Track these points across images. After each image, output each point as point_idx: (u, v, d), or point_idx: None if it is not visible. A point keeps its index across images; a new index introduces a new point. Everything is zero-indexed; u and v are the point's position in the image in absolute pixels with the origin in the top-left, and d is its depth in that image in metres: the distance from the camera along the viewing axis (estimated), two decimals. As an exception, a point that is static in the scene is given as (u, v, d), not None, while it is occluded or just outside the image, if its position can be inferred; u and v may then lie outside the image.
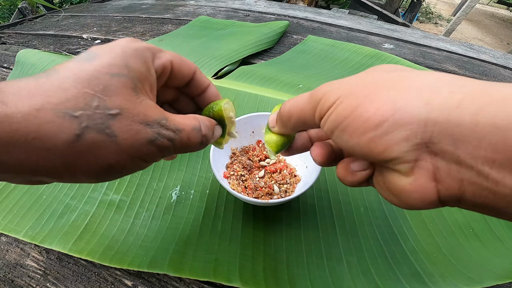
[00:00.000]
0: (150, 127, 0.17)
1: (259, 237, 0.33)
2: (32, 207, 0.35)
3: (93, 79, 0.15)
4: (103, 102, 0.15)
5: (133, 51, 0.18)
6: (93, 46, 0.18)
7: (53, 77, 0.15)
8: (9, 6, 2.00)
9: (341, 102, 0.16)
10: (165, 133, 0.17)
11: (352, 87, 0.17)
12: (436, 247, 0.33)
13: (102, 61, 0.16)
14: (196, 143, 0.20)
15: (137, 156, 0.17)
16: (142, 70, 0.18)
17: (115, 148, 0.16)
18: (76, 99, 0.14)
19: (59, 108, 0.14)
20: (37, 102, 0.14)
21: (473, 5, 3.19)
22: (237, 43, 0.74)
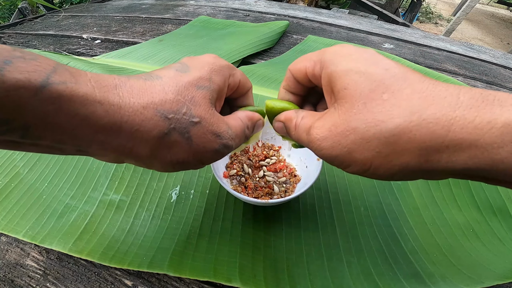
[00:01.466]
0: (219, 138, 0.20)
1: (259, 237, 0.33)
2: (32, 207, 0.35)
3: (185, 89, 0.19)
4: (189, 110, 0.19)
5: (218, 68, 0.21)
6: (183, 58, 0.22)
7: (157, 81, 0.19)
8: (9, 6, 2.00)
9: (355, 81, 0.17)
10: (229, 144, 0.21)
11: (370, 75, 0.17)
12: (436, 247, 0.33)
13: (194, 74, 0.20)
14: (243, 141, 0.24)
15: (201, 159, 0.20)
16: (221, 85, 0.21)
17: (187, 149, 0.19)
18: (171, 103, 0.18)
19: (159, 108, 0.18)
20: (143, 101, 0.17)
21: (473, 5, 3.19)
22: (237, 43, 0.74)
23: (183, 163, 0.20)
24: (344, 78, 0.18)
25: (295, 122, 0.22)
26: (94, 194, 0.37)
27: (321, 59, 0.20)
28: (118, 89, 0.17)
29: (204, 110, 0.19)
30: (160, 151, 0.18)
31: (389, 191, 0.39)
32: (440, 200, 0.38)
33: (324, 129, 0.18)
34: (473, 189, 0.39)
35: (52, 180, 0.38)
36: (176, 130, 0.18)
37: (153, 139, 0.18)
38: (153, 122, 0.17)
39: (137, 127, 0.17)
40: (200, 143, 0.19)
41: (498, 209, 0.37)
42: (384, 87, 0.17)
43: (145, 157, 0.19)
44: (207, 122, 0.19)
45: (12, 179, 0.38)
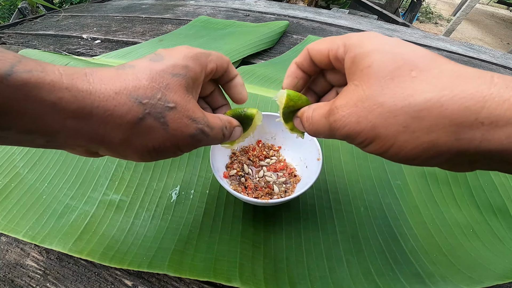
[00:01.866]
0: (195, 123, 0.20)
1: (259, 237, 0.33)
2: (32, 207, 0.35)
3: (159, 77, 0.19)
4: (164, 96, 0.18)
5: (193, 55, 0.21)
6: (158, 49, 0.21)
7: (130, 70, 0.18)
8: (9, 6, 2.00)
9: None
10: (206, 130, 0.21)
11: None
12: (436, 247, 0.33)
13: (167, 63, 0.20)
14: (219, 139, 0.24)
15: (178, 145, 0.20)
16: (197, 72, 0.21)
17: (163, 135, 0.19)
18: (145, 89, 0.18)
19: (132, 94, 0.17)
20: (116, 87, 0.17)
21: (473, 5, 3.19)
22: (237, 43, 0.74)
23: (160, 150, 0.19)
24: (369, 57, 0.17)
25: (306, 114, 0.22)
26: (94, 194, 0.37)
27: (346, 43, 0.20)
28: (88, 76, 0.17)
29: (180, 96, 0.19)
30: (134, 137, 0.18)
31: (389, 190, 0.39)
32: (440, 199, 0.38)
33: (349, 105, 0.18)
34: (473, 188, 0.39)
35: (52, 180, 0.38)
36: (151, 115, 0.18)
37: (127, 124, 0.17)
38: (127, 107, 0.17)
39: (110, 112, 0.17)
40: (177, 127, 0.19)
41: (498, 209, 0.37)
42: (412, 65, 0.16)
43: (117, 144, 0.18)
44: (183, 108, 0.19)
45: (12, 179, 0.38)
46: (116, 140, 0.18)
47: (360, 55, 0.18)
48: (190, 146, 0.21)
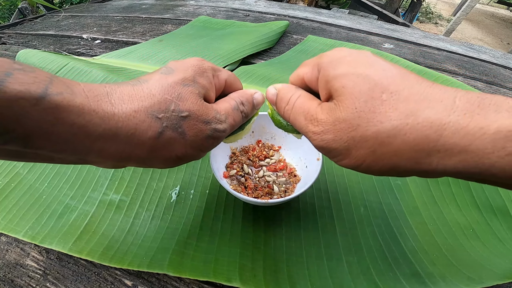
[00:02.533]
0: (208, 124, 0.21)
1: (259, 237, 0.33)
2: (32, 207, 0.35)
3: (171, 88, 0.20)
4: (177, 106, 0.20)
5: (200, 69, 0.22)
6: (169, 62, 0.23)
7: (144, 85, 0.20)
8: (9, 6, 2.00)
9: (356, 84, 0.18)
10: (219, 127, 0.22)
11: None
12: (436, 247, 0.33)
13: (178, 76, 0.21)
14: (240, 120, 0.24)
15: (199, 148, 0.21)
16: (206, 86, 0.22)
17: (183, 143, 0.20)
18: (160, 103, 0.19)
19: (149, 110, 0.19)
20: (134, 105, 0.18)
21: (473, 5, 3.19)
22: (237, 43, 0.74)
23: (183, 157, 0.21)
24: (342, 79, 0.18)
25: (291, 97, 0.23)
26: (94, 194, 0.37)
27: (318, 63, 0.20)
28: (109, 97, 0.18)
29: (192, 103, 0.20)
30: (157, 150, 0.19)
31: (389, 190, 0.39)
32: (440, 199, 0.38)
33: (328, 123, 0.19)
34: (473, 189, 0.39)
35: (52, 180, 0.38)
36: (169, 128, 0.19)
37: (149, 140, 0.19)
38: (146, 124, 0.18)
39: (132, 131, 0.18)
40: (193, 134, 0.20)
41: (498, 209, 0.37)
42: (382, 87, 0.17)
43: (144, 157, 0.19)
44: (196, 114, 0.20)
45: (12, 179, 0.38)
46: (142, 155, 0.19)
47: (333, 76, 0.19)
48: (209, 145, 0.22)
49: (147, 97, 0.19)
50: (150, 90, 0.19)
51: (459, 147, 0.14)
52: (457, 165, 0.15)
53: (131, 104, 0.18)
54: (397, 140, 0.16)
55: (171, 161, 0.21)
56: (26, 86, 0.14)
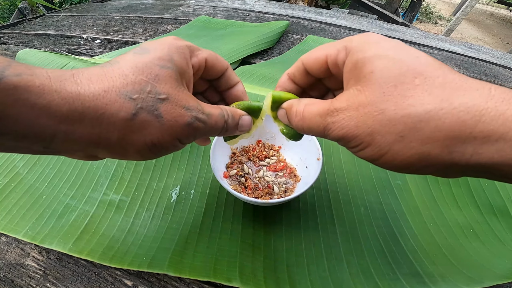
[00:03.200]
0: (189, 111, 0.20)
1: (259, 237, 0.33)
2: (32, 207, 0.35)
3: (146, 69, 0.18)
4: (154, 88, 0.18)
5: (176, 48, 0.21)
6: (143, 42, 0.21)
7: (115, 66, 0.18)
8: (9, 6, 2.00)
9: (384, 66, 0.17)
10: (200, 117, 0.20)
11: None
12: (436, 247, 0.33)
13: (153, 55, 0.19)
14: (220, 127, 0.23)
15: (176, 136, 0.19)
16: (183, 65, 0.21)
17: (159, 127, 0.18)
18: (133, 84, 0.18)
19: (121, 91, 0.17)
20: (104, 85, 0.17)
21: (473, 5, 3.19)
22: (237, 43, 0.74)
23: (159, 144, 0.19)
24: (372, 63, 0.17)
25: (296, 109, 0.22)
26: (94, 194, 0.37)
27: (347, 46, 0.19)
28: (75, 78, 0.17)
29: (171, 87, 0.19)
30: (131, 134, 0.18)
31: (389, 191, 0.39)
32: (440, 199, 0.38)
33: (350, 109, 0.18)
34: (473, 188, 0.39)
35: (52, 180, 0.38)
36: (143, 109, 0.18)
37: (121, 121, 0.17)
38: (118, 104, 0.17)
39: (102, 110, 0.16)
40: (171, 118, 0.19)
41: (498, 209, 0.37)
42: (416, 72, 0.16)
43: (115, 143, 0.18)
44: (175, 98, 0.19)
45: (12, 179, 0.38)
46: (113, 139, 0.18)
47: (363, 59, 0.18)
48: (189, 136, 0.20)
49: (119, 77, 0.17)
50: (122, 70, 0.18)
51: (497, 134, 0.14)
52: (493, 156, 0.14)
53: (100, 84, 0.17)
54: (430, 125, 0.15)
55: (146, 149, 0.19)
56: None
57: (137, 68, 0.18)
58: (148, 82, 0.18)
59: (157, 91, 0.18)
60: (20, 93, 0.14)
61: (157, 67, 0.19)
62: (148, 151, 0.19)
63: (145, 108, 0.18)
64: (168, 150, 0.20)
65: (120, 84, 0.17)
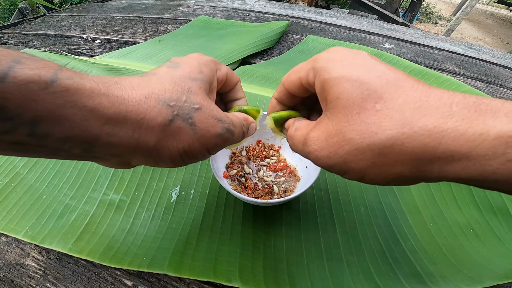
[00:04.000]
0: (221, 123, 0.21)
1: (259, 237, 0.33)
2: (32, 207, 0.35)
3: (180, 81, 0.20)
4: (189, 98, 0.20)
5: (204, 62, 0.23)
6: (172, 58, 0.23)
7: (154, 76, 0.20)
8: (9, 6, 2.00)
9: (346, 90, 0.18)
10: (231, 129, 0.22)
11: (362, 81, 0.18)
12: (436, 247, 0.33)
13: (185, 69, 0.21)
14: (241, 137, 0.24)
15: (206, 146, 0.21)
16: (210, 77, 0.23)
17: (192, 135, 0.20)
18: (171, 93, 0.19)
19: (160, 98, 0.18)
20: (145, 92, 0.18)
21: (473, 5, 3.19)
22: (237, 43, 0.74)
23: (190, 152, 0.20)
24: (337, 86, 0.18)
25: (289, 131, 0.23)
26: (94, 194, 0.37)
27: (314, 67, 0.20)
28: (119, 84, 0.18)
29: (202, 98, 0.20)
30: (166, 139, 0.19)
31: (389, 190, 0.39)
32: (440, 199, 0.38)
33: (320, 140, 0.19)
34: (473, 188, 0.39)
35: (52, 180, 0.38)
36: (179, 116, 0.19)
37: (159, 126, 0.18)
38: (157, 110, 0.18)
39: (142, 115, 0.18)
40: (204, 127, 0.20)
41: (498, 209, 0.37)
42: (376, 96, 0.17)
43: (152, 148, 0.19)
44: (207, 109, 0.20)
45: (12, 179, 0.38)
46: (150, 143, 0.19)
47: (328, 82, 0.18)
48: (217, 147, 0.22)
49: (157, 85, 0.19)
50: (160, 80, 0.19)
51: (460, 154, 0.14)
52: (459, 172, 0.15)
53: (141, 90, 0.18)
54: (395, 150, 0.16)
55: (178, 155, 0.20)
56: (36, 71, 0.14)
57: (173, 79, 0.20)
58: (184, 93, 0.19)
59: (191, 101, 0.20)
60: (71, 94, 0.15)
61: (189, 80, 0.20)
62: (179, 158, 0.20)
63: (181, 116, 0.19)
64: (197, 158, 0.21)
65: (159, 91, 0.19)
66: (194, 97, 0.20)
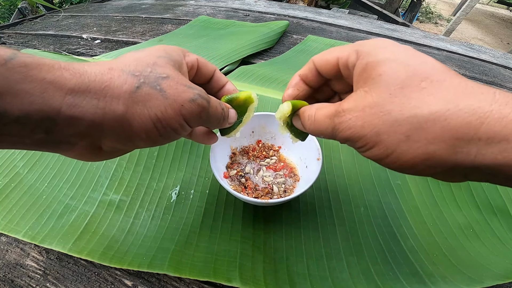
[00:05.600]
0: (192, 89, 0.20)
1: (259, 237, 0.33)
2: (32, 207, 0.35)
3: (145, 58, 0.20)
4: (155, 69, 0.19)
5: (170, 47, 0.23)
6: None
7: (118, 58, 0.20)
8: (9, 6, 2.00)
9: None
10: (204, 95, 0.21)
11: None
12: (436, 247, 0.33)
13: (149, 50, 0.21)
14: (219, 114, 0.23)
15: (181, 112, 0.20)
16: (177, 58, 0.22)
17: (163, 101, 0.19)
18: (135, 66, 0.19)
19: (124, 69, 0.19)
20: (108, 66, 0.18)
21: (473, 5, 3.19)
22: (237, 43, 0.74)
23: (164, 119, 0.19)
24: (381, 66, 0.18)
25: (308, 114, 0.22)
26: (94, 194, 0.37)
27: (358, 50, 0.20)
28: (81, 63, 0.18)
29: (170, 70, 0.20)
30: (135, 106, 0.18)
31: (389, 190, 0.39)
32: (440, 199, 0.38)
33: (357, 109, 0.18)
34: (473, 189, 0.39)
35: (52, 180, 0.38)
36: (146, 84, 0.19)
37: (125, 93, 0.18)
38: (122, 78, 0.18)
39: (106, 83, 0.17)
40: (174, 93, 0.19)
41: (498, 209, 0.37)
42: (422, 75, 0.17)
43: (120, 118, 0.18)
44: (176, 77, 0.20)
45: (12, 179, 0.38)
46: (118, 112, 0.18)
47: (372, 63, 0.18)
48: (193, 115, 0.20)
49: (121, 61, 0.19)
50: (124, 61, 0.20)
51: (501, 136, 0.14)
52: (497, 156, 0.14)
53: (104, 64, 0.18)
54: (436, 125, 0.15)
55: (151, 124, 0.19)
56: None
57: (136, 57, 0.20)
58: (148, 65, 0.19)
59: (157, 72, 0.19)
60: (30, 69, 0.15)
61: (154, 57, 0.20)
62: (153, 128, 0.19)
63: (148, 83, 0.19)
64: (175, 130, 0.20)
65: (123, 64, 0.19)
66: (160, 68, 0.20)
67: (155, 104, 0.19)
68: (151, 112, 0.19)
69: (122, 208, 0.35)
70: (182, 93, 0.19)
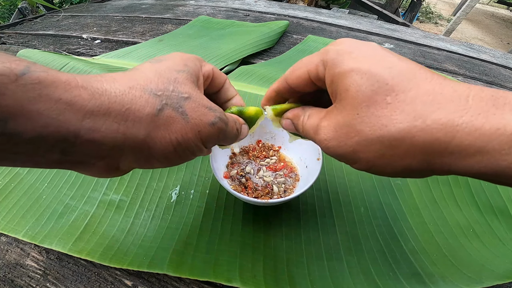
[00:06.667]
0: (213, 111, 0.20)
1: (259, 237, 0.33)
2: (32, 207, 0.35)
3: (165, 73, 0.19)
4: (176, 88, 0.19)
5: (188, 57, 0.22)
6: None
7: (137, 71, 0.19)
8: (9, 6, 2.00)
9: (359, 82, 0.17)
10: (223, 118, 0.21)
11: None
12: (436, 247, 0.33)
13: (168, 62, 0.21)
14: (235, 133, 0.24)
15: (200, 136, 0.19)
16: (196, 70, 0.22)
17: (184, 125, 0.18)
18: (157, 83, 0.18)
19: (146, 88, 0.18)
20: (128, 83, 0.17)
21: (473, 5, 3.19)
22: (237, 43, 0.74)
23: (184, 142, 0.19)
24: (346, 79, 0.17)
25: (302, 119, 0.22)
26: (94, 194, 0.37)
27: (323, 59, 0.19)
28: (99, 77, 0.17)
29: (191, 88, 0.20)
30: (156, 131, 0.18)
31: (389, 191, 0.39)
32: (440, 200, 0.38)
33: (330, 129, 0.19)
34: (473, 189, 0.39)
35: (52, 180, 0.38)
36: (168, 106, 0.18)
37: (147, 117, 0.17)
38: (143, 99, 0.17)
39: (128, 105, 0.16)
40: (196, 116, 0.19)
41: (498, 209, 0.37)
42: (387, 88, 0.16)
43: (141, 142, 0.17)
44: (197, 98, 0.20)
45: (12, 179, 0.38)
46: (139, 137, 0.17)
47: (338, 75, 0.18)
48: (211, 138, 0.20)
49: (142, 77, 0.18)
50: (144, 73, 0.19)
51: (474, 148, 0.14)
52: (472, 166, 0.14)
53: (124, 82, 0.17)
54: (405, 142, 0.15)
55: (171, 148, 0.18)
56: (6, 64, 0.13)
57: (157, 72, 0.19)
58: (170, 83, 0.19)
59: (179, 91, 0.19)
60: (44, 87, 0.14)
61: (175, 72, 0.20)
62: (173, 151, 0.19)
63: (170, 105, 0.18)
64: (193, 152, 0.20)
65: (144, 82, 0.18)
66: (181, 86, 0.19)
67: (176, 128, 0.18)
68: (172, 136, 0.18)
69: (122, 208, 0.35)
70: (203, 116, 0.19)
